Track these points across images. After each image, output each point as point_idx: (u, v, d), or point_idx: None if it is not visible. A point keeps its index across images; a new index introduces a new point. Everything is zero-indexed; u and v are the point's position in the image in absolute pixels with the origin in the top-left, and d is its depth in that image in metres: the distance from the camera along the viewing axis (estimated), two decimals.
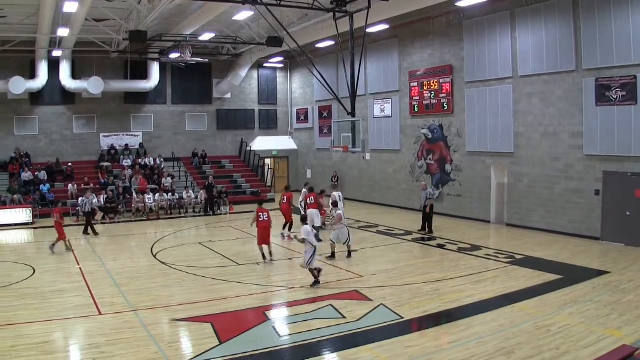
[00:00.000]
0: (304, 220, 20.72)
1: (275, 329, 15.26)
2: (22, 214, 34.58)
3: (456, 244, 25.95)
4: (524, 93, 29.25)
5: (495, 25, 30.50)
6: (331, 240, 23.47)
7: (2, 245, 28.98)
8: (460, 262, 22.56)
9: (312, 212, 27.24)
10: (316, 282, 19.30)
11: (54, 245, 25.43)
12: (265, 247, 23.30)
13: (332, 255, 23.27)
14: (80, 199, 32.78)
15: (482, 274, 20.42)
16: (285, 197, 29.49)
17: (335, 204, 26.14)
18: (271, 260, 23.20)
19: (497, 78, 30.64)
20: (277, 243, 26.06)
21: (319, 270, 19.52)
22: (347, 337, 14.35)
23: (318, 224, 27.31)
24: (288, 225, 29.14)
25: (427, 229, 29.25)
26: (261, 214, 23.20)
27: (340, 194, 29.82)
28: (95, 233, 31.04)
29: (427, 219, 29.34)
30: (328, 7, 27.66)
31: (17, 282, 20.63)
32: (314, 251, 19.24)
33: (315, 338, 14.28)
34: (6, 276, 21.44)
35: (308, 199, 28.78)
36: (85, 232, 30.99)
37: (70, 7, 27.86)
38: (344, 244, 23.47)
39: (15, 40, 38.42)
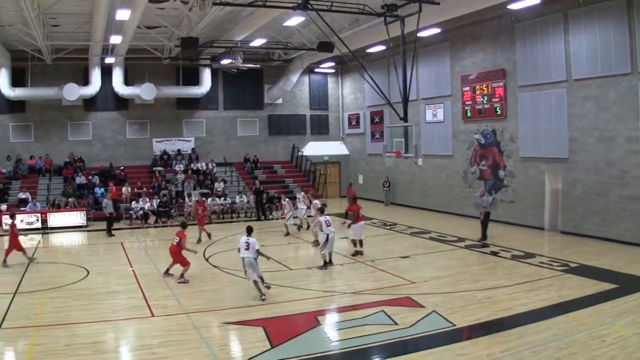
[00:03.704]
0: None
1: (326, 334, 15.25)
2: (77, 217, 35.16)
3: (509, 251, 25.58)
4: (578, 97, 28.77)
5: (547, 28, 30.08)
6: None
7: (57, 247, 29.39)
8: (514, 270, 22.25)
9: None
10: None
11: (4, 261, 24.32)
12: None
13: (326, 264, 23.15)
14: (104, 200, 33.62)
15: (535, 282, 20.08)
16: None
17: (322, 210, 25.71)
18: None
19: (551, 82, 30.17)
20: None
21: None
22: (399, 344, 14.27)
23: None
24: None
25: (482, 236, 28.82)
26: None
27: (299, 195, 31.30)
28: (111, 234, 32.22)
29: (482, 226, 29.02)
30: (379, 11, 27.65)
31: (72, 283, 21.06)
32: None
33: (366, 344, 14.21)
34: (61, 277, 21.90)
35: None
36: (110, 234, 32.21)
37: (122, 15, 28.20)
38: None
39: (68, 48, 39.02)
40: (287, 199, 32.42)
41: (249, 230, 19.63)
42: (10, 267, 23.67)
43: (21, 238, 25.57)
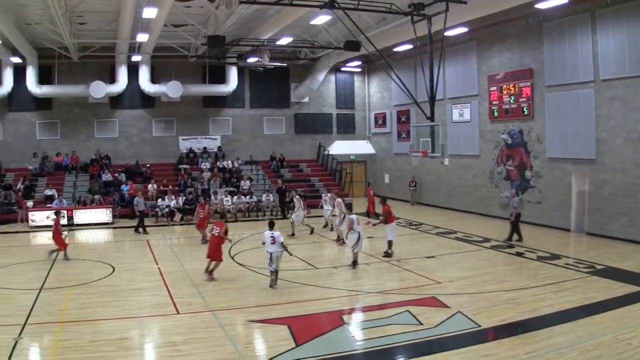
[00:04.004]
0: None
1: (351, 333, 15.27)
2: (102, 214, 35.53)
3: (535, 252, 25.43)
4: (605, 97, 28.51)
5: (575, 28, 29.84)
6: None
7: (83, 244, 29.55)
8: (540, 271, 22.11)
9: None
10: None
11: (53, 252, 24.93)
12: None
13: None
14: (135, 198, 33.92)
15: (561, 284, 19.96)
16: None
17: (350, 208, 25.81)
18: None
19: (578, 82, 29.91)
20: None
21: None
22: (423, 344, 14.26)
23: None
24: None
25: (510, 237, 28.24)
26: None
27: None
28: (145, 232, 32.41)
29: (512, 227, 28.54)
30: (406, 10, 27.58)
31: (97, 279, 21.24)
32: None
33: (391, 344, 14.22)
34: (87, 274, 22.10)
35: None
36: (137, 231, 32.42)
37: (149, 13, 28.42)
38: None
39: (95, 46, 39.41)
40: (297, 197, 32.17)
41: (272, 225, 20.23)
42: (50, 260, 24.21)
43: (46, 235, 25.79)
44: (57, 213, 26.30)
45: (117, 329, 15.36)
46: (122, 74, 41.99)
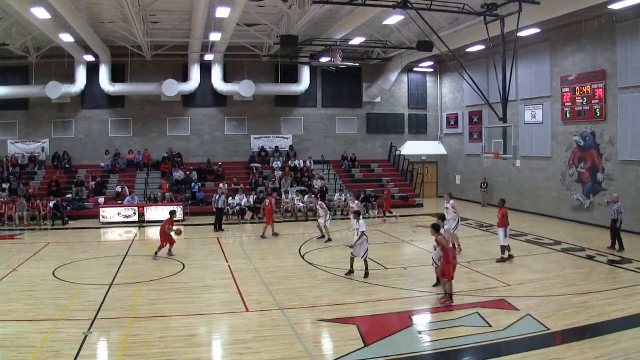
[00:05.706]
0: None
1: (419, 334, 15.28)
2: None
3: (606, 256, 25.14)
4: None
5: None
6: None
7: (153, 241, 29.79)
8: (610, 275, 21.93)
9: None
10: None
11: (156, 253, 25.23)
12: None
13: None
14: (214, 195, 34.01)
15: (632, 288, 19.64)
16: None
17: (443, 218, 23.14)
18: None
19: None
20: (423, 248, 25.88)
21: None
22: (492, 346, 14.22)
23: None
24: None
25: (620, 245, 26.67)
26: None
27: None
28: (221, 229, 32.74)
29: (616, 234, 27.12)
30: (479, 11, 27.48)
31: (168, 276, 21.61)
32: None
33: (459, 346, 14.23)
34: (157, 270, 22.54)
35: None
36: (216, 229, 32.76)
37: (222, 13, 28.64)
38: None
39: (168, 44, 40.05)
40: (320, 202, 32.01)
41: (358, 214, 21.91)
42: (174, 255, 25.20)
43: (117, 231, 26.09)
44: (172, 213, 26.54)
45: (186, 325, 15.64)
46: (195, 73, 42.66)
